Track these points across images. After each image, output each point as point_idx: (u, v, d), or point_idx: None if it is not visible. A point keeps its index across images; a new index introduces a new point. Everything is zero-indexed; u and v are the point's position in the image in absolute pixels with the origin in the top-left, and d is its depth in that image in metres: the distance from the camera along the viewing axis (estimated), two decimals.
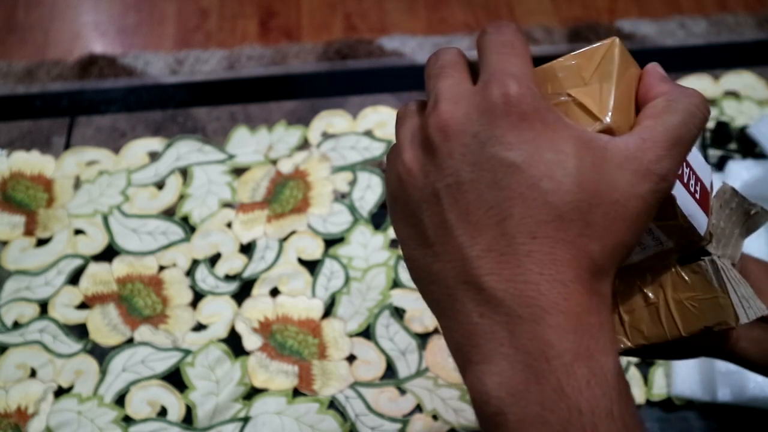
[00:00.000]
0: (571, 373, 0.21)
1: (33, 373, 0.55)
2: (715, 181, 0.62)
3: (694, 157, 0.28)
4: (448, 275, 0.22)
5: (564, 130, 0.22)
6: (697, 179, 0.27)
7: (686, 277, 0.28)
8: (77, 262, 0.60)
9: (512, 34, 0.23)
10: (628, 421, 0.21)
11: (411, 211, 0.23)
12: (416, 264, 0.23)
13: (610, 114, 0.23)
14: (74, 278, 0.60)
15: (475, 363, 0.22)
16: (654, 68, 0.25)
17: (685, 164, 0.26)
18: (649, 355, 0.33)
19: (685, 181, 0.26)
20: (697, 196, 0.27)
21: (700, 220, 0.27)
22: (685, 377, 0.52)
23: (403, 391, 0.54)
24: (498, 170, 0.21)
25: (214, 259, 0.60)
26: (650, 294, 0.28)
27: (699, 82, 0.70)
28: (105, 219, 0.62)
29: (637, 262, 0.28)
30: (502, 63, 0.22)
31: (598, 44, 0.24)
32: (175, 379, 0.55)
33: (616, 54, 0.24)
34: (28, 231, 0.62)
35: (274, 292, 0.59)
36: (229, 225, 0.62)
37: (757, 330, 0.31)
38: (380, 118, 0.68)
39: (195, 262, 0.60)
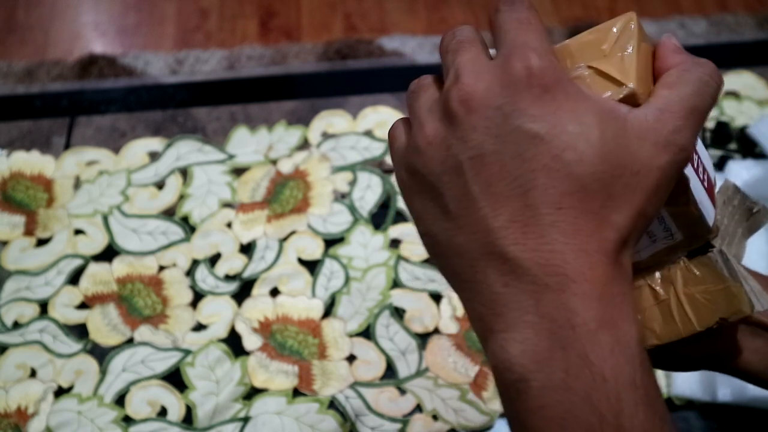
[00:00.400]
0: (596, 340, 0.21)
1: (33, 373, 0.55)
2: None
3: (700, 148, 0.27)
4: (471, 247, 0.22)
5: (586, 101, 0.22)
6: (705, 169, 0.27)
7: (696, 271, 0.28)
8: (77, 262, 0.60)
9: (527, 11, 0.23)
10: (650, 390, 0.21)
11: (431, 185, 0.23)
12: (435, 239, 0.23)
13: (633, 79, 0.23)
14: (74, 278, 0.60)
15: (498, 331, 0.22)
16: (668, 40, 0.25)
17: (694, 151, 0.26)
18: (652, 363, 0.32)
19: (695, 166, 0.26)
20: (705, 184, 0.27)
21: (708, 210, 0.27)
22: (686, 377, 0.53)
23: (403, 391, 0.54)
24: (521, 142, 0.21)
25: (214, 259, 0.60)
26: (660, 291, 0.28)
27: None
28: (105, 219, 0.62)
29: (646, 260, 0.28)
30: (521, 37, 0.22)
31: (615, 19, 0.25)
32: (175, 379, 0.55)
33: (634, 26, 0.24)
34: (28, 231, 0.62)
35: (274, 292, 0.59)
36: (229, 225, 0.62)
37: (760, 341, 0.31)
38: (380, 118, 0.68)
39: (195, 262, 0.60)
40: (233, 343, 0.56)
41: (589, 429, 0.20)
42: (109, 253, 0.61)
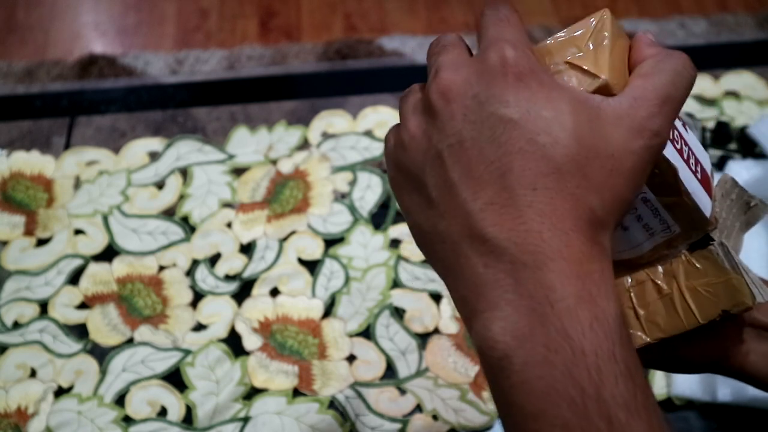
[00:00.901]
0: (574, 316, 0.21)
1: (33, 373, 0.55)
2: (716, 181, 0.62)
3: (694, 142, 0.28)
4: (453, 231, 0.23)
5: (560, 90, 0.23)
6: (697, 161, 0.27)
7: (697, 264, 0.28)
8: (77, 262, 0.60)
9: (507, 11, 0.25)
10: (630, 364, 0.22)
11: (415, 177, 0.24)
12: (421, 229, 0.24)
13: (606, 71, 0.24)
14: (74, 278, 0.60)
15: (480, 312, 0.22)
16: (643, 35, 0.26)
17: (683, 143, 0.27)
18: (656, 364, 0.32)
19: (685, 158, 0.26)
20: (698, 176, 0.27)
21: (703, 200, 0.27)
22: (686, 377, 0.53)
23: (403, 391, 0.54)
24: (497, 127, 0.22)
25: (214, 259, 0.60)
26: (663, 285, 0.28)
27: (699, 83, 0.70)
28: (105, 219, 0.62)
29: (647, 254, 0.28)
30: (498, 32, 0.24)
31: (589, 16, 0.25)
32: (175, 379, 0.55)
33: (608, 22, 0.25)
34: (28, 231, 0.62)
35: (274, 292, 0.59)
36: (229, 225, 0.62)
37: (766, 345, 0.31)
38: (380, 118, 0.68)
39: (195, 262, 0.60)
40: (233, 343, 0.56)
41: (571, 402, 0.21)
42: (109, 253, 0.61)
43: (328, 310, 0.58)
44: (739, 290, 0.27)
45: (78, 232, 0.62)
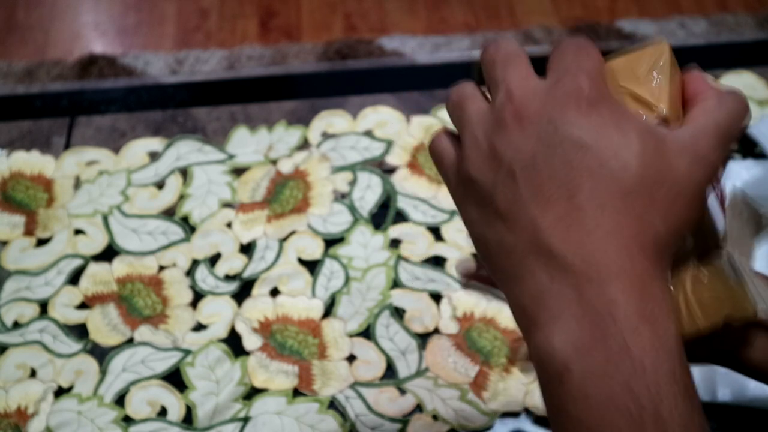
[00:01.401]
0: (637, 333, 0.22)
1: (33, 373, 0.55)
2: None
3: None
4: (520, 245, 0.24)
5: (629, 118, 0.24)
6: (717, 180, 0.29)
7: (705, 275, 0.29)
8: (77, 262, 0.60)
9: (586, 41, 0.26)
10: (689, 385, 0.22)
11: (485, 192, 0.25)
12: (487, 241, 0.25)
13: (666, 105, 0.25)
14: (74, 278, 0.60)
15: (542, 323, 0.23)
16: (697, 72, 0.28)
17: None
18: None
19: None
20: (717, 195, 0.29)
21: (719, 219, 0.29)
22: None
23: (403, 391, 0.54)
24: (570, 150, 0.23)
25: (214, 259, 0.60)
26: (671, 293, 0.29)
27: None
28: (105, 219, 0.62)
29: None
30: (576, 61, 0.25)
31: (649, 46, 0.27)
32: (175, 379, 0.55)
33: (667, 55, 0.26)
34: (28, 231, 0.62)
35: (274, 292, 0.59)
36: (229, 225, 0.62)
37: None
38: (380, 118, 0.68)
39: (195, 262, 0.60)
40: (233, 343, 0.56)
41: (629, 416, 0.21)
42: (109, 253, 0.61)
43: (328, 310, 0.58)
44: (742, 302, 0.28)
45: (78, 232, 0.62)
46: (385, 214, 0.62)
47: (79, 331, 0.57)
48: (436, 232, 0.61)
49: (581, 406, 0.22)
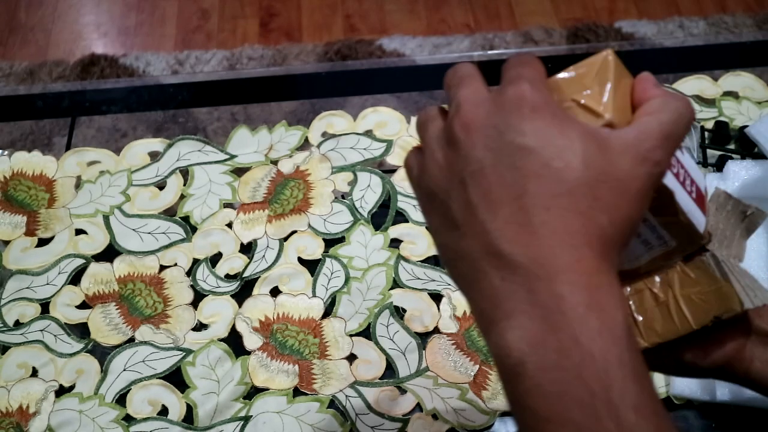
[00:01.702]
0: (584, 323, 0.23)
1: (34, 373, 0.55)
2: (715, 182, 0.62)
3: (689, 164, 0.30)
4: (473, 249, 0.25)
5: (571, 122, 0.25)
6: (692, 181, 0.29)
7: (691, 273, 0.30)
8: (78, 262, 0.60)
9: (529, 56, 0.27)
10: (637, 368, 0.23)
11: (441, 201, 0.26)
12: (447, 248, 0.27)
13: (610, 111, 0.26)
14: (75, 278, 0.60)
15: (497, 321, 0.24)
16: (648, 76, 0.28)
17: (680, 165, 0.29)
18: (664, 369, 0.33)
19: (681, 180, 0.28)
20: (693, 195, 0.29)
21: (698, 218, 0.29)
22: None
23: (403, 391, 0.54)
24: (515, 154, 0.24)
25: (214, 259, 0.60)
26: (660, 294, 0.30)
27: (698, 83, 0.70)
28: (106, 219, 0.63)
29: (645, 265, 0.30)
30: (518, 72, 0.26)
31: (595, 56, 0.28)
32: (175, 378, 0.55)
33: (611, 63, 0.27)
34: (30, 231, 0.62)
35: (275, 292, 0.59)
36: (229, 225, 0.62)
37: None
38: (380, 119, 0.68)
39: (196, 262, 0.60)
40: (234, 342, 0.56)
41: (582, 403, 0.22)
42: (110, 253, 0.61)
43: (329, 310, 0.58)
44: (729, 298, 0.29)
45: (79, 231, 0.62)
46: (385, 214, 0.62)
47: (81, 331, 0.57)
48: None
49: (537, 397, 0.23)
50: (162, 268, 0.60)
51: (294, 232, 0.62)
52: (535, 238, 0.24)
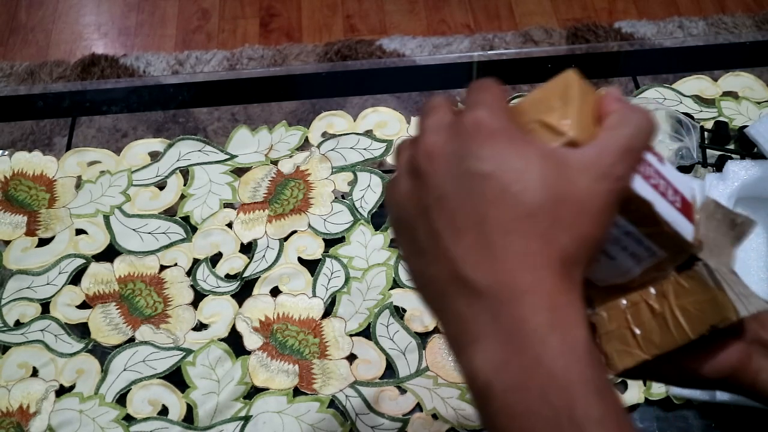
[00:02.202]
0: (546, 344, 0.23)
1: (35, 372, 0.56)
2: (715, 182, 0.62)
3: (672, 174, 0.30)
4: (440, 275, 0.26)
5: (528, 144, 0.25)
6: (676, 191, 0.29)
7: (685, 283, 0.30)
8: (79, 262, 0.60)
9: (489, 81, 0.27)
10: (600, 384, 0.24)
11: (410, 229, 0.27)
12: (416, 274, 0.27)
13: (573, 129, 0.26)
14: (76, 278, 0.60)
15: (465, 346, 0.25)
16: (612, 91, 0.29)
17: (659, 176, 0.29)
18: (671, 380, 0.34)
19: (662, 191, 0.29)
20: (678, 205, 0.29)
21: (684, 227, 0.29)
22: None
23: (403, 390, 0.54)
24: (474, 180, 0.25)
25: (215, 259, 0.61)
26: (656, 306, 0.31)
27: (698, 83, 0.70)
28: (106, 219, 0.63)
29: (638, 278, 0.31)
30: (476, 98, 0.27)
31: (558, 76, 0.28)
32: (176, 378, 0.55)
33: (575, 81, 0.27)
34: (30, 231, 0.62)
35: (275, 292, 0.59)
36: (229, 225, 0.62)
37: None
38: (380, 119, 0.68)
39: (196, 262, 0.60)
40: (234, 342, 0.56)
41: (547, 422, 0.23)
42: (110, 253, 0.61)
43: (329, 310, 0.58)
44: (724, 306, 0.29)
45: (79, 231, 0.62)
46: (385, 214, 0.63)
47: (81, 331, 0.57)
48: None
49: (505, 418, 0.24)
50: (162, 268, 0.60)
51: (294, 232, 0.62)
52: (496, 262, 0.24)
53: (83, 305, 0.59)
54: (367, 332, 0.57)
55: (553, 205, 0.24)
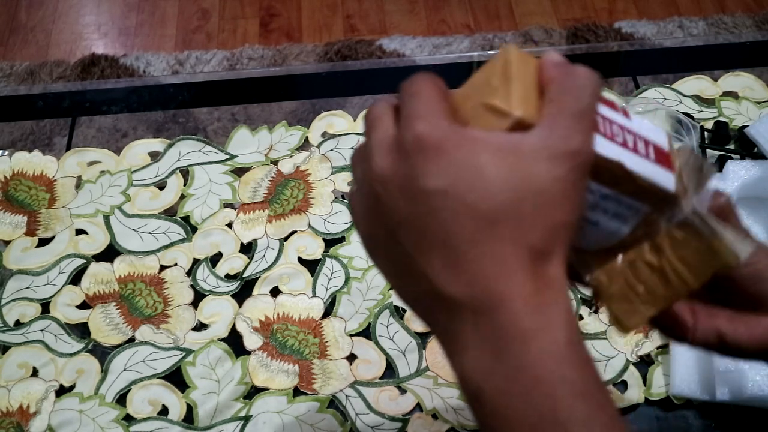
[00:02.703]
0: (526, 349, 0.24)
1: (35, 372, 0.56)
2: (715, 182, 0.62)
3: (640, 126, 0.29)
4: (421, 296, 0.26)
5: (475, 145, 0.24)
6: (647, 143, 0.29)
7: (678, 235, 0.30)
8: (79, 262, 0.60)
9: (418, 83, 0.26)
10: (584, 386, 0.24)
11: (381, 250, 0.27)
12: (398, 291, 0.28)
13: (518, 108, 0.25)
14: (76, 278, 0.60)
15: (454, 356, 0.26)
16: (548, 56, 0.27)
17: (625, 132, 0.28)
18: (710, 347, 0.34)
19: (631, 146, 0.28)
20: (652, 157, 0.28)
21: (661, 177, 0.28)
22: (684, 377, 0.53)
23: (403, 390, 0.54)
24: (430, 200, 0.24)
25: (215, 259, 0.61)
26: (654, 260, 0.30)
27: (698, 83, 0.70)
28: (106, 219, 0.63)
29: (629, 236, 0.30)
30: (408, 109, 0.26)
31: (497, 53, 0.27)
32: (176, 378, 0.55)
33: (512, 56, 0.26)
34: (30, 231, 0.62)
35: (275, 292, 0.59)
36: (229, 225, 0.62)
37: None
38: None
39: (196, 262, 0.60)
40: (234, 342, 0.56)
41: (532, 426, 0.24)
42: (110, 253, 0.61)
43: (329, 310, 0.58)
44: (721, 252, 0.29)
45: (79, 231, 0.62)
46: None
47: (81, 331, 0.57)
48: None
49: (495, 421, 0.25)
50: (162, 268, 0.60)
51: (294, 232, 0.62)
52: (470, 275, 0.24)
53: (83, 305, 0.59)
54: (367, 332, 0.57)
55: (514, 204, 0.24)
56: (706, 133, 0.65)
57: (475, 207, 0.24)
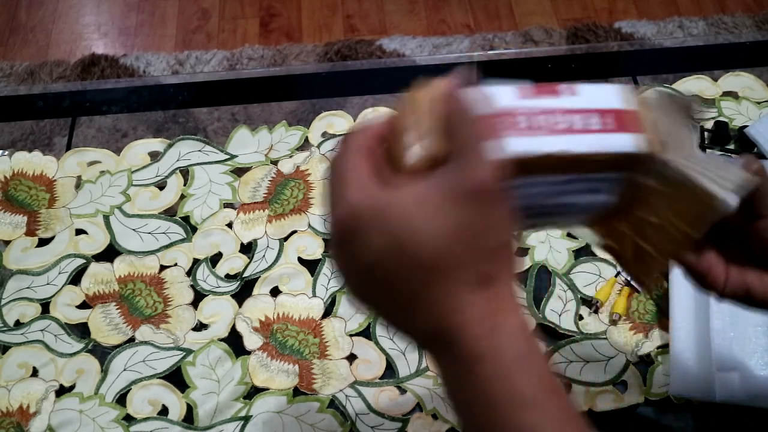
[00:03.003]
0: (480, 372, 0.27)
1: (35, 372, 0.56)
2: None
3: (591, 96, 0.29)
4: (401, 329, 0.29)
5: (391, 207, 0.26)
6: (602, 112, 0.29)
7: (668, 190, 0.30)
8: (79, 262, 0.60)
9: (341, 146, 0.29)
10: (534, 396, 0.27)
11: (359, 296, 0.30)
12: (385, 322, 0.31)
13: (426, 148, 0.27)
14: (76, 278, 0.60)
15: (439, 374, 0.30)
16: (440, 89, 0.29)
17: (571, 114, 0.28)
18: (739, 299, 0.35)
19: (565, 128, 0.28)
20: (599, 127, 0.28)
21: (619, 141, 0.28)
22: (684, 377, 0.53)
23: (403, 390, 0.54)
24: (376, 267, 0.27)
25: (215, 259, 0.61)
26: (652, 218, 0.31)
27: (698, 83, 0.70)
28: (106, 219, 0.63)
29: (619, 203, 0.31)
30: (334, 196, 0.28)
31: (410, 90, 0.28)
32: (176, 378, 0.55)
33: (419, 93, 0.28)
34: (30, 231, 0.62)
35: (275, 292, 0.59)
36: (229, 225, 0.62)
37: None
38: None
39: (196, 262, 0.60)
40: (234, 342, 0.56)
41: None
42: (110, 253, 0.61)
43: (329, 310, 0.58)
44: (712, 201, 0.29)
45: (79, 231, 0.62)
46: None
47: (81, 331, 0.57)
48: None
49: (467, 427, 0.29)
50: (162, 268, 0.60)
51: (294, 232, 0.62)
52: (431, 318, 0.27)
53: (83, 305, 0.59)
54: (367, 332, 0.57)
55: (448, 248, 0.26)
56: (706, 133, 0.65)
57: (414, 259, 0.26)
